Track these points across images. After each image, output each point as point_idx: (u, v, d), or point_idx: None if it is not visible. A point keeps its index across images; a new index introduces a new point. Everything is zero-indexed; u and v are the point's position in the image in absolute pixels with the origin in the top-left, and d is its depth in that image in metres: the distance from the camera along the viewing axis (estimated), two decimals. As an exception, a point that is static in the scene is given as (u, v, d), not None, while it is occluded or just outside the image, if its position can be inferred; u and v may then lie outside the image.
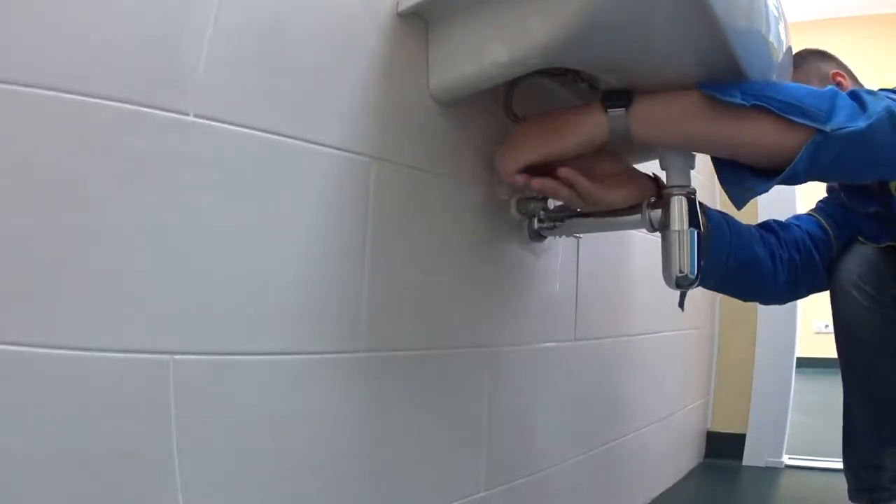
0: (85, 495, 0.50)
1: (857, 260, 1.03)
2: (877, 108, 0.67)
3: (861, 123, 0.66)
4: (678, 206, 0.74)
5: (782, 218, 1.11)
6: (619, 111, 0.73)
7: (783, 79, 0.80)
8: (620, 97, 0.73)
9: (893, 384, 0.98)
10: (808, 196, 1.29)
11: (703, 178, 1.69)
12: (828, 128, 0.67)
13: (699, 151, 0.78)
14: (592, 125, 0.75)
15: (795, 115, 0.67)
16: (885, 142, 0.68)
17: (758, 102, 0.68)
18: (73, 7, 0.51)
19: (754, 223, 1.04)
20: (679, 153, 0.76)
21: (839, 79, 1.10)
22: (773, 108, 0.67)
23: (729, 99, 0.68)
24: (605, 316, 1.21)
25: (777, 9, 0.75)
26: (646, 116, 0.73)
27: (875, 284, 0.99)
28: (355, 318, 0.70)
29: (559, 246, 1.03)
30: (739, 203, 0.76)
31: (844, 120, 0.67)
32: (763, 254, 0.98)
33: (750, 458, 1.83)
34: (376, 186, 0.72)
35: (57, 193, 0.50)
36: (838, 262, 1.05)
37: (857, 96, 0.69)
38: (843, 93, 0.70)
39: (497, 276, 0.90)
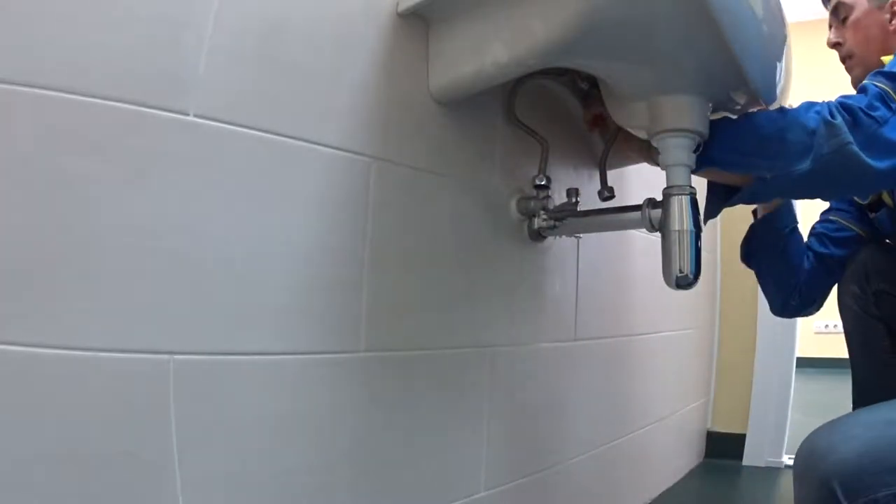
0: (85, 495, 0.50)
1: (851, 260, 1.04)
2: (824, 148, 0.70)
3: (803, 166, 0.71)
4: (678, 205, 0.74)
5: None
6: None
7: (782, 75, 0.80)
8: None
9: (870, 385, 0.99)
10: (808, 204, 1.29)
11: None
12: (768, 175, 0.74)
13: None
14: None
15: (736, 169, 0.77)
16: (828, 179, 0.73)
17: (701, 168, 0.77)
18: (73, 7, 0.51)
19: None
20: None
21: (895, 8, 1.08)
22: (717, 167, 0.77)
23: None
24: (605, 316, 1.21)
25: (777, 8, 0.75)
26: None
27: (860, 283, 1.01)
28: (355, 318, 0.70)
29: (559, 246, 1.03)
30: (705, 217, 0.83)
31: (786, 164, 0.72)
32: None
33: (750, 458, 1.83)
34: (376, 186, 0.72)
35: (57, 193, 0.50)
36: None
37: (824, 121, 0.71)
38: (809, 112, 0.72)
39: (497, 276, 0.90)
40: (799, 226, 1.04)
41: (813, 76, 1.15)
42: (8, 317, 0.48)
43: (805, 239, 1.08)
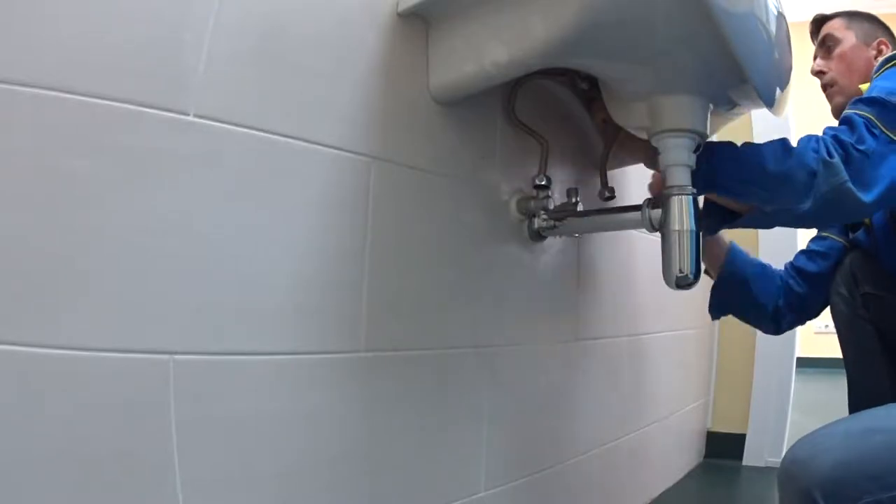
0: (85, 495, 0.50)
1: (839, 265, 1.06)
2: (823, 187, 0.74)
3: (804, 206, 0.75)
4: (678, 206, 0.74)
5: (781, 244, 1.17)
6: None
7: (782, 75, 0.80)
8: None
9: (863, 385, 1.00)
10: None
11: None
12: (767, 209, 0.78)
13: None
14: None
15: (737, 198, 0.80)
16: (826, 213, 0.78)
17: (705, 191, 0.79)
18: (73, 7, 0.51)
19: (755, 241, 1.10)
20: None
21: (882, 47, 1.12)
22: (718, 193, 0.80)
23: None
24: (605, 316, 1.21)
25: (777, 8, 0.75)
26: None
27: (848, 286, 1.02)
28: (355, 318, 0.70)
29: (559, 246, 1.03)
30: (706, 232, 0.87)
31: (787, 201, 0.76)
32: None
33: (750, 458, 1.83)
34: (376, 186, 0.72)
35: (57, 193, 0.50)
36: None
37: (823, 162, 0.74)
38: (809, 151, 0.75)
39: (497, 276, 0.90)
40: (760, 262, 1.10)
41: (812, 76, 1.16)
42: (8, 317, 0.48)
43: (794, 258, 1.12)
